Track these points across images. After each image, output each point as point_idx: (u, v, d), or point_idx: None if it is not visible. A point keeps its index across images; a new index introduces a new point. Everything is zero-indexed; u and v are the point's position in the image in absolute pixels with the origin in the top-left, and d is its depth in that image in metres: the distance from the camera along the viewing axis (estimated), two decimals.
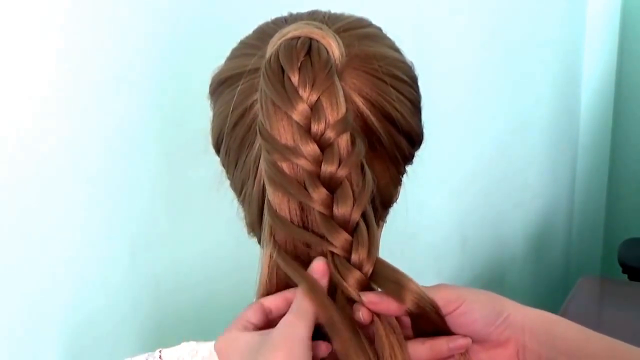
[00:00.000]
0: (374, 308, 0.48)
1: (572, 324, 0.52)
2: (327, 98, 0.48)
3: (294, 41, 0.50)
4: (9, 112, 0.78)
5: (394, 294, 0.48)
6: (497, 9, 1.63)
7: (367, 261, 0.48)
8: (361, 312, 0.48)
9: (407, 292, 0.48)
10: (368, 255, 0.48)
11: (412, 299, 0.48)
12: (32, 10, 0.78)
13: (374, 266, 0.48)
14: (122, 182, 0.92)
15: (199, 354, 0.64)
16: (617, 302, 1.77)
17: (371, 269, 0.48)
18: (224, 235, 1.00)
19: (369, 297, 0.48)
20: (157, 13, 0.91)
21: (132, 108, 0.91)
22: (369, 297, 0.48)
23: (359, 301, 0.48)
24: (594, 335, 0.52)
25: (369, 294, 0.48)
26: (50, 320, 0.87)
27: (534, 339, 0.51)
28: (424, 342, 0.50)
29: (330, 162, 0.48)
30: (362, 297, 0.48)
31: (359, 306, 0.48)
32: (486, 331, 0.51)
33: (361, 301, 0.48)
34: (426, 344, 0.50)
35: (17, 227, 0.82)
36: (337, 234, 0.48)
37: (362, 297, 0.48)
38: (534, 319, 0.51)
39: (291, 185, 0.48)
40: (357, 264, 0.48)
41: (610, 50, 2.16)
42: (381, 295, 0.48)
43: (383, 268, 0.49)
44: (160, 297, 1.00)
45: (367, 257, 0.48)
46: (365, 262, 0.48)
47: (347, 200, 0.48)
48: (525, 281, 2.01)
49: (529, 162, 1.92)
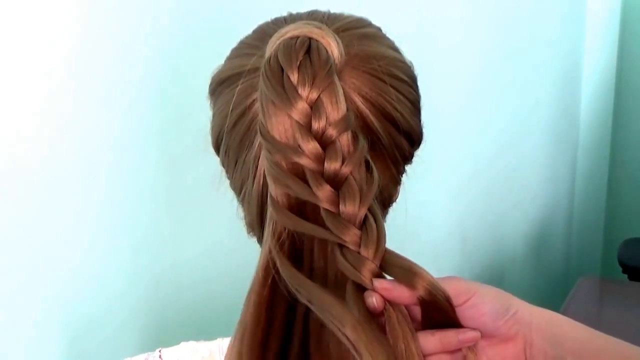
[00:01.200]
0: (386, 295, 0.47)
1: (578, 323, 0.53)
2: (327, 96, 0.48)
3: (293, 40, 0.50)
4: (9, 112, 0.78)
5: (405, 281, 0.47)
6: (497, 9, 1.63)
7: (377, 254, 0.48)
8: (374, 298, 0.47)
9: (419, 279, 0.47)
10: (377, 250, 0.48)
11: (423, 285, 0.47)
12: (33, 11, 0.78)
13: (384, 257, 0.48)
14: (122, 182, 0.92)
15: (199, 353, 0.64)
16: (617, 302, 1.77)
17: (380, 262, 0.48)
18: (224, 235, 1.00)
19: (382, 283, 0.47)
20: (157, 13, 0.91)
21: (132, 108, 0.91)
22: (382, 283, 0.47)
23: (371, 289, 0.47)
24: (599, 334, 0.52)
25: (382, 280, 0.47)
26: (51, 320, 0.87)
27: (540, 336, 0.51)
28: (434, 334, 0.49)
29: (333, 160, 0.48)
30: (375, 282, 0.47)
31: (371, 293, 0.47)
32: (495, 325, 0.50)
33: (374, 287, 0.47)
34: (435, 335, 0.49)
35: (18, 228, 0.82)
36: (346, 229, 0.48)
37: (375, 284, 0.47)
38: (541, 317, 0.52)
39: (295, 185, 0.48)
40: (368, 258, 0.48)
41: (610, 50, 2.16)
42: (393, 283, 0.48)
43: (393, 257, 0.48)
44: (161, 296, 1.00)
45: (376, 251, 0.48)
46: (376, 256, 0.48)
47: (353, 196, 0.48)
48: (525, 281, 2.01)
49: (529, 162, 1.92)
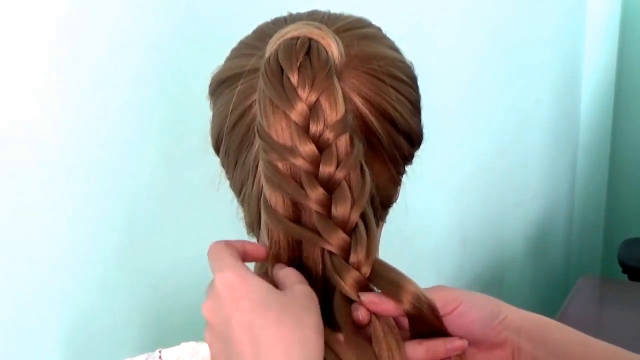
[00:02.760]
0: (372, 308, 0.48)
1: (568, 328, 0.53)
2: (326, 98, 0.48)
3: (294, 41, 0.50)
4: (9, 111, 0.78)
5: (391, 295, 0.48)
6: (497, 9, 1.63)
7: (366, 262, 0.48)
8: (360, 312, 0.48)
9: (405, 293, 0.48)
10: (367, 256, 0.48)
11: (409, 299, 0.48)
12: (30, 9, 0.78)
13: (373, 267, 0.48)
14: (121, 182, 0.92)
15: (199, 354, 0.64)
16: (617, 302, 1.77)
17: (369, 269, 0.48)
18: (224, 235, 1.00)
19: (369, 297, 0.48)
20: (157, 13, 0.91)
21: (132, 108, 0.91)
22: (369, 297, 0.48)
23: (357, 301, 0.48)
24: (589, 339, 0.53)
25: (369, 294, 0.48)
26: (48, 321, 0.87)
27: (529, 341, 0.51)
28: (421, 343, 0.50)
29: (328, 163, 0.48)
30: (362, 296, 0.48)
31: (357, 306, 0.48)
32: (483, 332, 0.51)
33: (360, 301, 0.48)
34: (423, 345, 0.50)
35: (16, 228, 0.82)
36: (334, 233, 0.48)
37: (361, 297, 0.48)
38: (530, 322, 0.52)
39: (288, 185, 0.48)
40: (355, 265, 0.48)
41: (610, 50, 2.16)
42: (380, 296, 0.48)
43: (381, 268, 0.49)
44: (161, 297, 1.00)
45: (366, 257, 0.48)
46: (364, 263, 0.48)
47: (345, 201, 0.48)
48: (525, 281, 2.01)
49: (529, 162, 1.92)
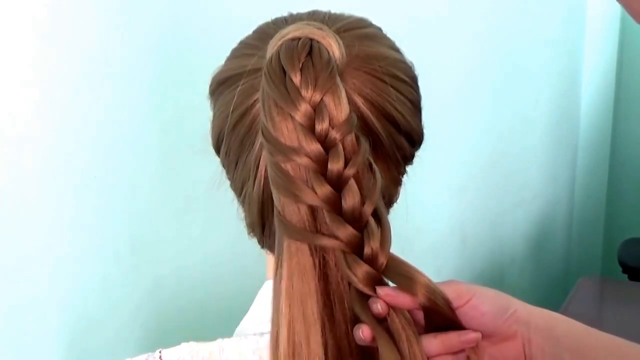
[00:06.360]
0: (390, 301, 0.49)
1: (574, 322, 0.54)
2: (331, 98, 0.48)
3: (295, 42, 0.50)
4: (9, 111, 0.78)
5: (406, 288, 0.49)
6: (497, 9, 1.62)
7: (381, 254, 0.48)
8: (379, 305, 0.48)
9: (419, 286, 0.49)
10: (381, 249, 0.48)
11: (423, 292, 0.49)
12: (33, 11, 0.78)
13: (387, 261, 0.49)
14: (122, 183, 0.92)
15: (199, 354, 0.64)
16: (617, 302, 1.77)
17: (385, 262, 0.49)
18: (224, 235, 1.00)
19: (386, 290, 0.49)
20: (157, 13, 0.91)
21: (133, 108, 0.91)
22: (386, 290, 0.49)
23: (371, 294, 0.49)
24: (596, 332, 0.54)
25: (385, 287, 0.49)
26: (49, 321, 0.87)
27: (538, 334, 0.52)
28: (436, 337, 0.51)
29: (336, 161, 0.48)
30: (379, 290, 0.48)
31: (375, 299, 0.49)
32: (495, 324, 0.52)
33: (377, 294, 0.48)
34: (438, 338, 0.51)
35: (17, 229, 0.82)
36: (342, 228, 0.48)
37: (378, 291, 0.48)
38: (539, 316, 0.53)
39: (295, 186, 0.48)
40: (369, 258, 0.48)
41: (610, 50, 2.15)
42: (396, 290, 0.49)
43: (394, 262, 0.49)
44: (161, 297, 1.00)
45: (380, 250, 0.48)
46: (379, 256, 0.48)
47: (354, 196, 0.48)
48: (525, 281, 2.01)
49: (529, 162, 1.92)
